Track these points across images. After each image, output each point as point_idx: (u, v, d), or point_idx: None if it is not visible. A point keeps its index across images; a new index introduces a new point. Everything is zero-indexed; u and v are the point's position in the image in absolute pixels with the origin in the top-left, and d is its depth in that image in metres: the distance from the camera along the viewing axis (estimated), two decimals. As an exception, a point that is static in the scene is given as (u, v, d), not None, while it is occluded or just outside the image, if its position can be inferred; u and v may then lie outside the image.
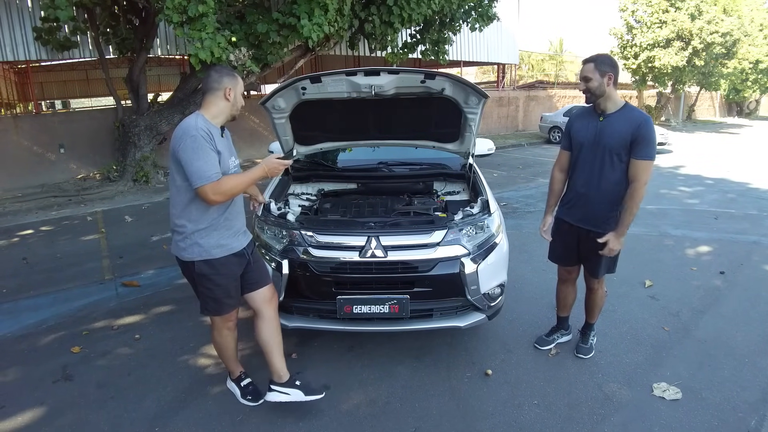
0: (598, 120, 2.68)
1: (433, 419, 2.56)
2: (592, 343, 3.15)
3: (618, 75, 2.63)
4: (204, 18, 6.65)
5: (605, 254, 2.71)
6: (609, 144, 2.62)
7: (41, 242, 5.90)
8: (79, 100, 23.30)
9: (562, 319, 3.26)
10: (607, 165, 2.65)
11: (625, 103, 2.66)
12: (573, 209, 2.85)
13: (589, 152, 2.71)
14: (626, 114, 2.62)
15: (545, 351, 3.17)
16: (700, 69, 20.77)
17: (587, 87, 2.63)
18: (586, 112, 2.79)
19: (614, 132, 2.60)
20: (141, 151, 9.13)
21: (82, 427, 2.53)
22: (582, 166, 2.77)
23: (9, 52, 8.77)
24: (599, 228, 2.74)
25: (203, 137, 2.17)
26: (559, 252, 3.03)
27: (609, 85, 2.59)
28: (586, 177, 2.74)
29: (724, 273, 4.49)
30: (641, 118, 2.58)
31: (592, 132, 2.69)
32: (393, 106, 3.55)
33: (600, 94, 2.62)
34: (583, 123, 2.77)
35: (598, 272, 2.88)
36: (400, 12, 8.69)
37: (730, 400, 2.68)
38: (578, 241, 2.88)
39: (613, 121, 2.62)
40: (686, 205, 7.20)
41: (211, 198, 2.18)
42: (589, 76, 2.60)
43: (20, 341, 3.44)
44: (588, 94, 2.66)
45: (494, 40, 17.48)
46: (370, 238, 2.78)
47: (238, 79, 2.36)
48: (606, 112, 2.66)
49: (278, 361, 2.56)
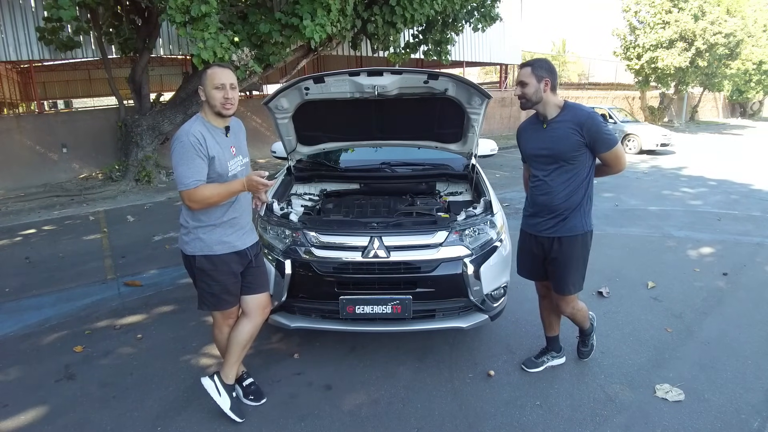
0: (542, 127, 2.59)
1: (435, 420, 2.55)
2: (592, 344, 3.06)
3: (556, 80, 2.53)
4: (207, 18, 6.66)
5: None
6: (557, 150, 2.52)
7: (44, 242, 5.92)
8: (82, 100, 23.35)
9: (551, 340, 3.03)
10: (560, 171, 2.55)
11: (565, 103, 2.56)
12: (534, 218, 2.70)
13: (541, 161, 2.62)
14: (568, 115, 2.52)
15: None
16: (703, 70, 20.74)
17: (523, 92, 2.53)
18: (529, 123, 2.72)
19: (560, 137, 2.51)
20: (143, 150, 9.15)
21: (84, 426, 2.53)
22: (536, 176, 2.65)
23: (12, 52, 8.80)
24: (564, 233, 2.61)
25: (192, 143, 2.19)
26: (528, 266, 2.85)
27: (546, 90, 2.50)
28: (543, 185, 2.62)
29: (727, 274, 4.47)
30: (583, 115, 2.48)
31: (539, 141, 2.60)
32: (396, 107, 3.55)
33: (537, 100, 2.53)
34: (529, 133, 2.69)
35: (564, 287, 2.69)
36: (403, 12, 8.69)
37: (733, 402, 2.67)
38: (544, 254, 2.71)
39: (557, 126, 2.53)
40: (689, 207, 7.18)
41: (187, 203, 2.24)
42: (526, 80, 2.50)
43: (23, 340, 3.44)
44: (523, 100, 2.56)
45: (497, 40, 17.46)
46: (372, 239, 2.78)
47: (208, 73, 2.27)
48: (548, 118, 2.56)
49: (234, 364, 2.54)
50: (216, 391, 2.48)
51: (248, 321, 2.53)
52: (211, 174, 2.27)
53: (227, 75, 2.27)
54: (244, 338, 2.51)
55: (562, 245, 2.62)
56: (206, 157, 2.23)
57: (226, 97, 2.26)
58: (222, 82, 2.24)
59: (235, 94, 2.30)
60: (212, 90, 2.25)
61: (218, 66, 2.30)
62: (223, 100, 2.26)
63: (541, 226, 2.67)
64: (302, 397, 2.75)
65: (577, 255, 2.64)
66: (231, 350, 2.51)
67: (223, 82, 2.25)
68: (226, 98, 2.26)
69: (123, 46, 9.16)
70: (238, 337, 2.50)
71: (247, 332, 2.51)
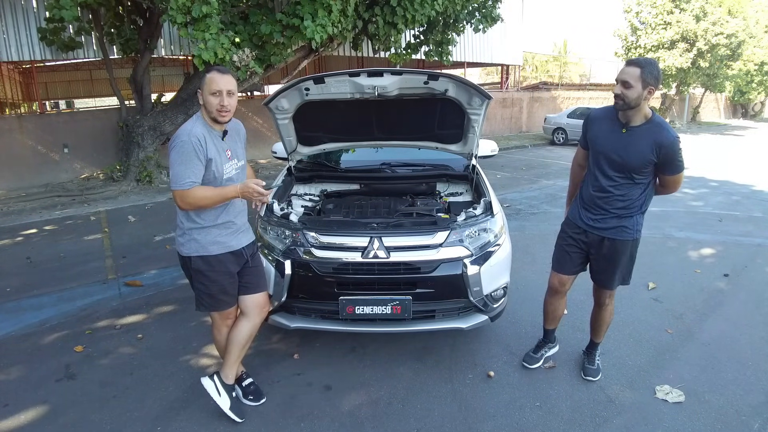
0: (621, 131, 2.43)
1: (435, 421, 2.55)
2: (599, 364, 2.94)
3: (657, 89, 2.35)
4: (208, 19, 6.67)
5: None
6: (629, 162, 2.40)
7: (45, 241, 5.93)
8: (83, 100, 23.38)
9: (549, 332, 3.07)
10: (625, 180, 2.47)
11: (653, 115, 2.39)
12: (586, 211, 2.65)
13: (606, 163, 2.49)
14: (653, 130, 2.35)
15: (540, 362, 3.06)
16: (705, 71, 20.71)
17: (624, 93, 2.30)
18: (606, 116, 2.53)
19: (637, 150, 2.37)
20: (144, 151, 9.16)
21: (84, 425, 2.54)
22: (597, 174, 2.55)
23: (14, 52, 8.82)
24: (614, 235, 2.58)
25: (193, 144, 2.18)
26: (563, 257, 2.79)
27: (647, 99, 2.31)
28: (602, 185, 2.54)
29: (728, 275, 4.47)
30: (668, 139, 2.32)
31: (612, 143, 2.45)
32: (396, 107, 3.56)
33: (634, 106, 2.32)
34: (602, 129, 2.52)
35: (612, 283, 2.70)
36: (404, 13, 8.68)
37: (734, 403, 2.67)
38: (588, 249, 2.69)
39: (637, 137, 2.37)
40: (690, 207, 7.18)
41: (179, 203, 2.23)
42: (631, 82, 2.27)
43: (23, 340, 3.45)
44: (620, 101, 2.34)
45: (498, 41, 17.45)
46: (372, 239, 2.78)
47: (206, 78, 2.21)
48: (630, 124, 2.40)
49: (234, 364, 2.55)
50: (216, 390, 2.48)
51: (247, 321, 2.53)
52: (207, 176, 2.26)
53: (226, 81, 2.21)
54: (243, 338, 2.51)
55: (612, 245, 2.61)
56: (204, 159, 2.23)
57: (222, 105, 2.21)
58: (219, 88, 2.19)
59: (232, 101, 2.24)
60: (209, 96, 2.21)
61: (218, 71, 2.23)
62: (219, 107, 2.21)
63: (592, 222, 2.63)
64: (302, 398, 2.75)
65: (626, 258, 2.66)
66: (230, 350, 2.52)
67: (220, 88, 2.19)
68: (222, 105, 2.21)
69: (124, 47, 9.16)
70: (236, 338, 2.50)
71: (246, 332, 2.52)
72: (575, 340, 3.27)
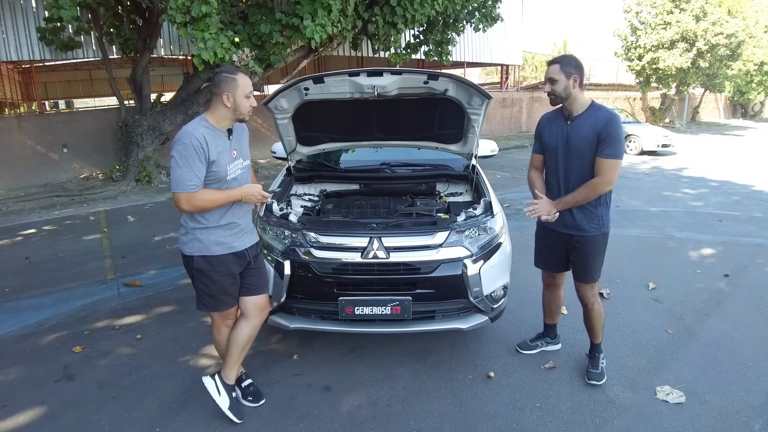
0: (566, 123, 2.63)
1: (435, 421, 2.55)
2: (602, 367, 2.89)
3: (583, 76, 2.57)
4: (207, 18, 6.66)
5: (529, 212, 2.69)
6: (578, 147, 2.58)
7: (44, 242, 5.92)
8: (83, 100, 23.39)
9: (549, 327, 3.16)
10: (578, 168, 2.61)
11: (592, 102, 2.61)
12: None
13: (561, 156, 2.66)
14: (593, 114, 2.56)
15: (540, 355, 3.09)
16: (705, 71, 20.73)
17: (552, 89, 2.56)
18: (554, 116, 2.74)
19: (582, 134, 2.56)
20: (144, 151, 9.15)
21: (83, 426, 2.53)
22: (555, 171, 2.72)
23: (13, 52, 8.81)
24: (580, 231, 2.67)
25: (194, 146, 2.18)
26: (545, 258, 2.95)
27: (575, 87, 2.53)
28: (560, 182, 2.70)
29: (729, 276, 4.46)
30: (607, 116, 2.52)
31: (561, 136, 2.64)
32: (396, 107, 3.55)
33: (566, 97, 2.56)
34: (552, 127, 2.72)
35: (585, 276, 2.76)
36: (404, 13, 8.68)
37: (734, 404, 2.66)
38: (565, 247, 2.79)
39: (580, 124, 2.57)
40: (690, 208, 7.17)
41: (182, 206, 2.23)
42: (555, 77, 2.53)
43: (22, 340, 3.44)
44: (553, 97, 2.59)
45: (498, 41, 17.45)
46: (372, 239, 2.77)
47: (239, 82, 2.24)
48: (573, 115, 2.60)
49: (234, 365, 2.55)
50: (216, 390, 2.48)
51: (247, 322, 2.52)
52: (211, 177, 2.26)
53: (250, 82, 2.32)
54: (243, 339, 2.50)
55: (581, 240, 2.68)
56: (206, 160, 2.23)
57: (253, 105, 2.32)
58: (251, 90, 2.30)
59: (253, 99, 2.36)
60: (243, 98, 2.27)
61: (243, 72, 2.30)
62: (251, 108, 2.32)
63: (561, 219, 2.69)
64: (301, 398, 2.74)
65: (596, 251, 2.72)
66: (230, 351, 2.51)
67: (251, 90, 2.30)
68: (252, 106, 2.32)
69: (124, 47, 9.16)
70: (236, 339, 2.50)
71: (246, 333, 2.51)
72: (575, 341, 3.26)
